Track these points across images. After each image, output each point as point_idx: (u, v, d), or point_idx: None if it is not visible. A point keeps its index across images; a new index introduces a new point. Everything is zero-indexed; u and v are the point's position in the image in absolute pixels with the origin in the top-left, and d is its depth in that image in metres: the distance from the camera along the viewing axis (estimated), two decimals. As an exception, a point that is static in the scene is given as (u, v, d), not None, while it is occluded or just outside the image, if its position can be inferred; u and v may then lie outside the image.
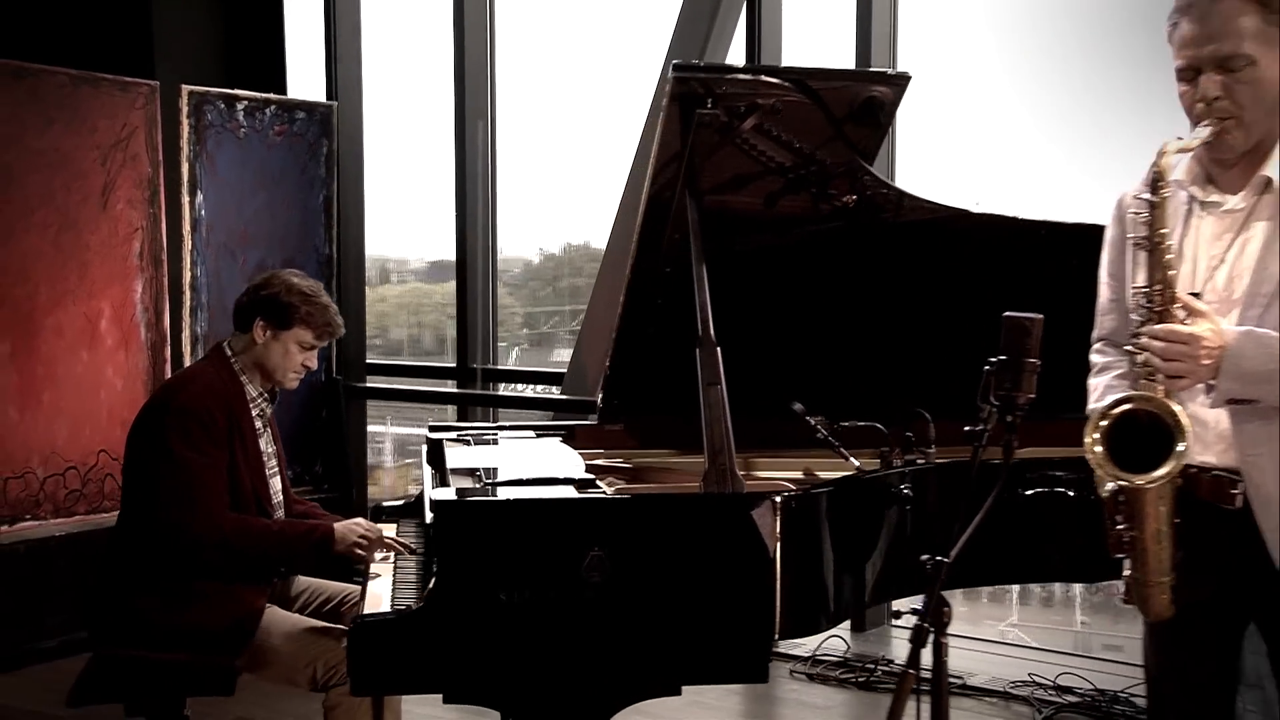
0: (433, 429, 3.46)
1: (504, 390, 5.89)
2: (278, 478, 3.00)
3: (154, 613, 2.75)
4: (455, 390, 5.75)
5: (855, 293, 3.27)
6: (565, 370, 5.36)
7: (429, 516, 2.56)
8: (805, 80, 2.81)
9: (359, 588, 3.04)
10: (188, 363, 5.07)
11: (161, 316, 5.06)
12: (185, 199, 5.05)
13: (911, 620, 1.89)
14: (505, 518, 2.42)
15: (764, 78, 2.77)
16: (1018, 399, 1.82)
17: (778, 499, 2.49)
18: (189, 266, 5.05)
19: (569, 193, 6.02)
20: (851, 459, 3.00)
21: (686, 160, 2.84)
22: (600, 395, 3.35)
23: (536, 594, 2.35)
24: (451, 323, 6.60)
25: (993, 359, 1.86)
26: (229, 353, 2.91)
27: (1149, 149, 1.93)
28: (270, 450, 2.98)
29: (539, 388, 5.81)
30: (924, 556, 1.83)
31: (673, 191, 2.93)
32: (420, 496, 3.30)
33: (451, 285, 6.57)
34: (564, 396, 5.26)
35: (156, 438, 2.73)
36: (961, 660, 4.40)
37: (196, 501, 2.69)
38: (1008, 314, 1.87)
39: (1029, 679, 4.10)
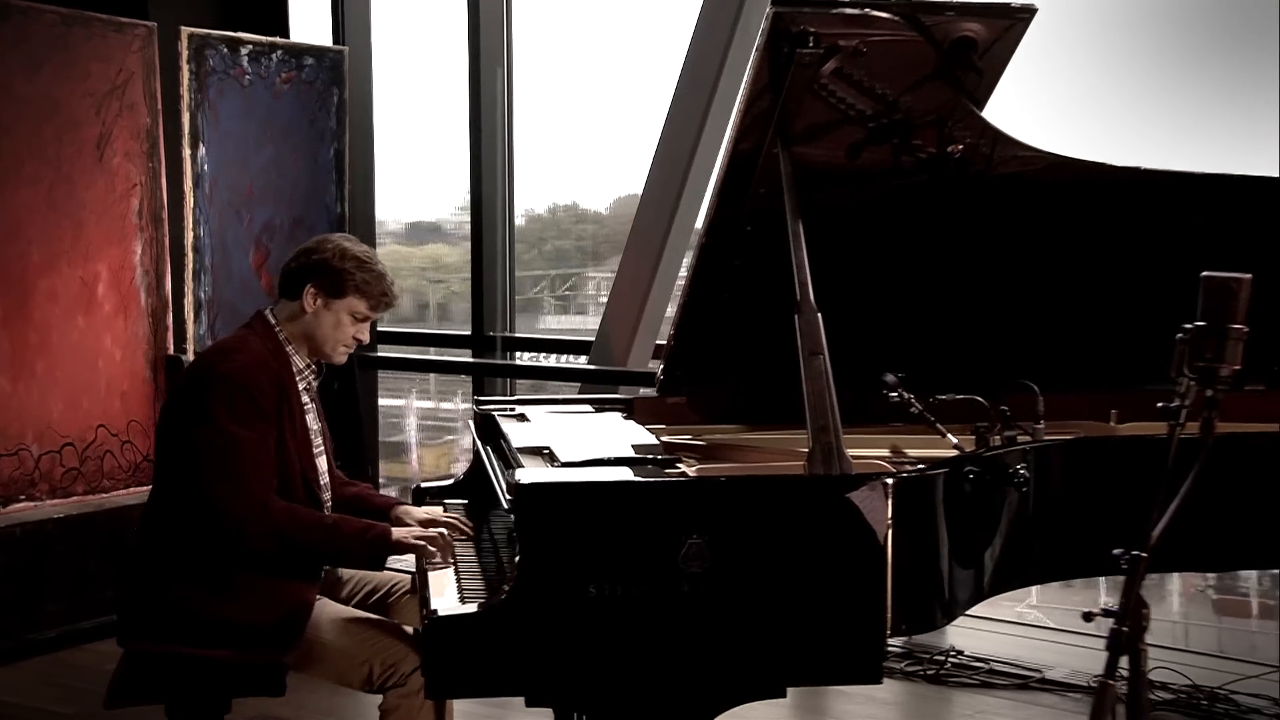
0: (480, 403, 3.36)
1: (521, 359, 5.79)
2: (324, 457, 2.89)
3: (194, 604, 2.63)
4: (476, 360, 5.62)
5: (948, 252, 3.15)
6: (592, 339, 5.27)
7: (505, 500, 2.44)
8: (915, 15, 2.67)
9: (408, 577, 2.98)
10: (190, 330, 4.99)
11: (163, 280, 4.94)
12: (186, 152, 4.90)
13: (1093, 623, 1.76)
14: (596, 502, 2.33)
15: (870, 12, 2.63)
16: (1220, 370, 1.69)
17: (889, 480, 2.37)
18: (191, 226, 4.91)
19: (556, 149, 5.89)
20: (949, 436, 2.88)
21: (780, 108, 2.71)
22: (662, 366, 3.28)
23: (630, 587, 2.28)
24: (433, 288, 6.78)
25: (1188, 325, 1.73)
26: (272, 320, 2.80)
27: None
28: (316, 427, 2.86)
29: (565, 358, 5.67)
30: (1116, 550, 1.70)
31: (759, 142, 2.82)
32: (467, 476, 3.24)
33: (432, 248, 6.72)
34: (591, 366, 5.18)
35: (198, 409, 2.62)
36: (1034, 651, 4.31)
37: (241, 480, 2.57)
38: (1208, 274, 1.73)
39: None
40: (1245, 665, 4.05)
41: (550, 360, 5.81)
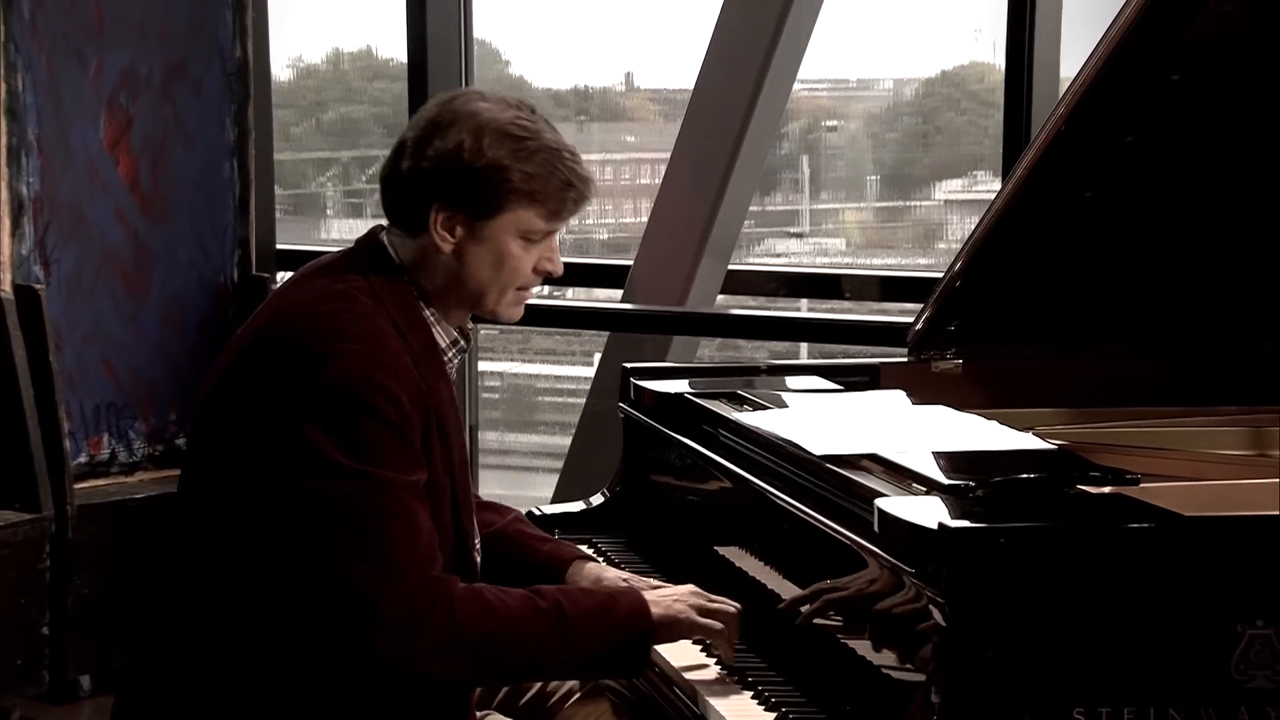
0: (633, 373, 3.22)
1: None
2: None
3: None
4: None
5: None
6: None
7: (895, 560, 2.13)
8: None
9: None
10: (6, 249, 4.60)
11: (-42, 165, 4.60)
12: (-18, -57, 4.61)
13: None
14: (1095, 564, 2.07)
15: None
16: None
17: None
18: (3, 74, 4.61)
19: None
20: None
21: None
22: (927, 314, 3.21)
23: (1148, 712, 2.06)
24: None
25: None
26: (397, 260, 2.41)
27: None
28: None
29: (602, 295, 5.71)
30: None
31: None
32: (621, 496, 3.22)
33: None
34: (628, 306, 5.31)
35: (293, 435, 2.24)
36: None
37: (397, 558, 2.25)
38: None
39: None
40: None
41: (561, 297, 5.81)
